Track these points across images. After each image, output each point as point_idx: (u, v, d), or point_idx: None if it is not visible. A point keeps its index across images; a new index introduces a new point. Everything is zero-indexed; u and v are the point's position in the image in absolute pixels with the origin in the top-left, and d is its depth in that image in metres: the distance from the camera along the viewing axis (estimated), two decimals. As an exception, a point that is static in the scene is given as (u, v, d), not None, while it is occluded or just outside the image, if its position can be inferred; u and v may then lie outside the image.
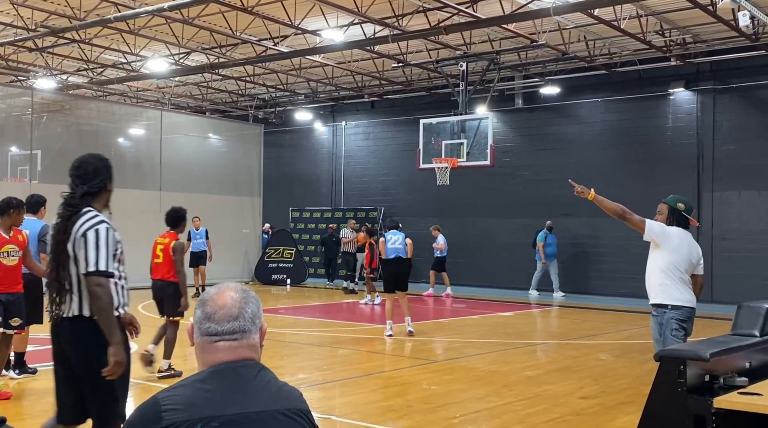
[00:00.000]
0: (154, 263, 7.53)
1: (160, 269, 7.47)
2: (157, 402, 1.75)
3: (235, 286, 1.96)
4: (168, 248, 7.41)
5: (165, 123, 19.78)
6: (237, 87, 21.24)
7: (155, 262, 7.50)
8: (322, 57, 16.97)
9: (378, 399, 6.75)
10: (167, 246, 7.44)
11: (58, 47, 16.33)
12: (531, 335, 11.29)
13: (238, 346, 1.88)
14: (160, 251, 7.46)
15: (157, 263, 7.47)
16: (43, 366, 8.06)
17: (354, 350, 9.66)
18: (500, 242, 19.13)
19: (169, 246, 7.42)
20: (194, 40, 15.87)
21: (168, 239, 7.49)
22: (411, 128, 18.47)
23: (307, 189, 23.23)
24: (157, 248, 7.52)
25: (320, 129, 23.29)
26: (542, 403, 6.65)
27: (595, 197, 5.29)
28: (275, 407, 1.83)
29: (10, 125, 18.34)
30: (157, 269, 7.49)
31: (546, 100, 18.68)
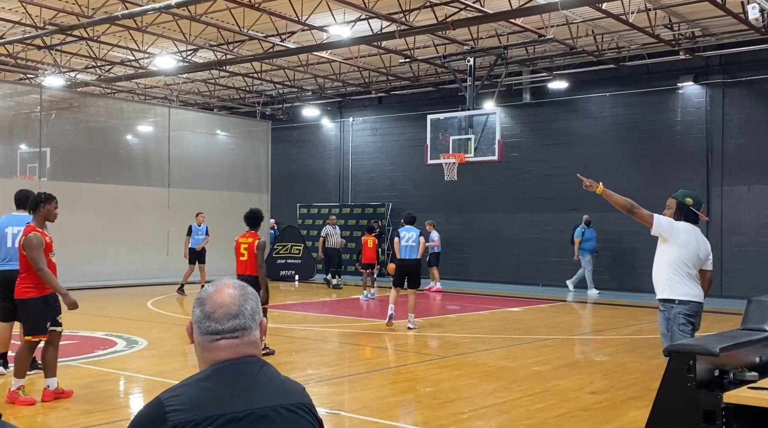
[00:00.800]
0: (240, 261, 8.21)
1: (245, 266, 8.18)
2: (161, 403, 1.74)
3: (232, 282, 1.93)
4: (252, 246, 8.11)
5: (173, 120, 19.84)
6: (244, 83, 21.26)
7: (240, 260, 8.20)
8: (329, 53, 16.96)
9: (387, 395, 6.76)
10: (251, 245, 8.13)
11: (67, 45, 16.38)
12: (539, 330, 11.26)
13: (240, 344, 1.87)
14: (244, 249, 8.15)
15: (243, 260, 8.18)
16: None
17: (363, 345, 9.67)
18: (508, 237, 19.09)
19: (253, 244, 8.11)
20: (201, 36, 15.89)
21: (251, 239, 8.19)
22: (418, 123, 18.45)
23: (314, 185, 23.24)
24: (241, 247, 8.21)
25: (327, 125, 23.30)
26: (551, 398, 6.64)
27: (604, 190, 5.26)
28: (279, 402, 1.83)
29: (19, 122, 18.43)
30: (243, 266, 8.20)
31: (554, 95, 18.61)
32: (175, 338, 9.98)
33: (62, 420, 5.71)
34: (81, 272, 16.20)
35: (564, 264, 18.21)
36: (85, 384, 7.02)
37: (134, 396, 7.14)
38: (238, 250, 8.25)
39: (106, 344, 9.28)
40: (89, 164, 18.38)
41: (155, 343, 9.47)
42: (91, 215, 16.98)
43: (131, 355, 8.64)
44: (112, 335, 10.00)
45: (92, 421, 5.64)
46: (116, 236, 17.47)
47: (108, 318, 12.10)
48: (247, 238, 8.28)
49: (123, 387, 7.40)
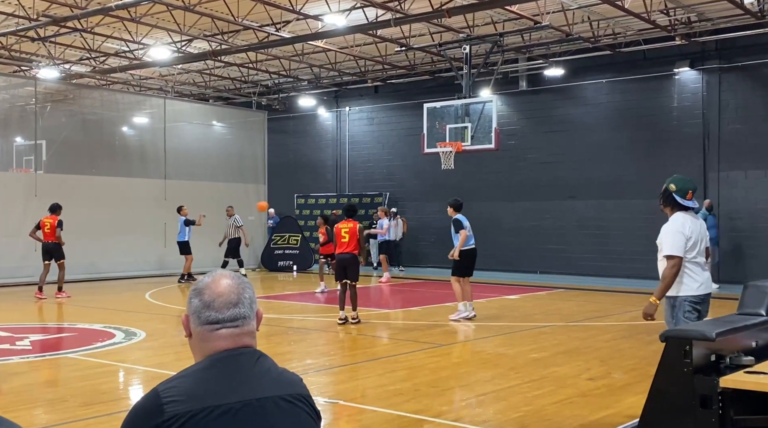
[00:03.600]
0: (340, 242, 10.22)
1: (346, 246, 10.16)
2: (158, 394, 1.73)
3: (227, 273, 1.93)
4: (355, 229, 10.17)
5: (168, 111, 19.78)
6: (240, 74, 21.19)
7: (342, 241, 10.19)
8: (325, 42, 16.90)
9: (385, 383, 6.78)
10: (353, 228, 10.17)
11: (61, 37, 16.30)
12: (537, 317, 11.29)
13: (240, 333, 1.86)
14: (345, 232, 10.15)
15: (344, 242, 10.16)
16: (53, 354, 8.12)
17: (360, 335, 9.69)
18: (506, 225, 19.11)
19: (355, 228, 10.18)
20: (196, 27, 15.81)
21: (352, 224, 10.23)
22: (415, 112, 18.41)
23: (311, 175, 23.22)
24: (342, 231, 10.19)
25: (324, 115, 23.24)
26: (549, 385, 6.66)
27: (658, 300, 5.12)
28: (276, 393, 1.83)
29: (14, 115, 18.35)
30: (344, 246, 10.17)
31: (550, 82, 18.57)
32: (174, 329, 9.99)
33: (61, 412, 5.72)
34: (78, 264, 16.18)
35: (562, 252, 18.25)
36: (84, 376, 7.03)
37: (133, 387, 7.15)
38: (340, 234, 10.20)
39: (104, 336, 9.29)
40: (85, 156, 18.34)
41: (154, 335, 9.48)
42: (87, 208, 16.95)
43: (130, 347, 8.65)
44: (110, 327, 10.01)
45: (91, 413, 5.65)
46: (113, 228, 17.44)
47: (106, 310, 12.10)
48: (348, 223, 10.25)
49: (122, 378, 7.41)
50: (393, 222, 19.84)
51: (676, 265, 4.97)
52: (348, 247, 10.19)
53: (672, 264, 4.98)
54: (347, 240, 10.19)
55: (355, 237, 10.17)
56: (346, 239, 10.20)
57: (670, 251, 5.00)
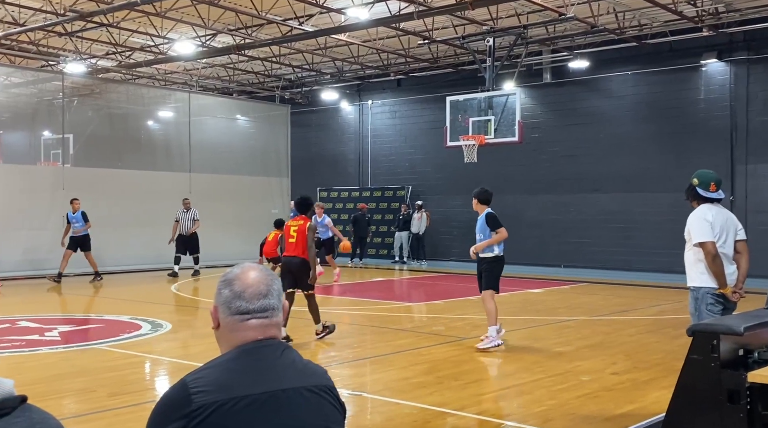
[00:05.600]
0: (288, 243, 8.45)
1: (294, 248, 8.39)
2: (186, 385, 1.75)
3: (254, 265, 1.95)
4: (304, 228, 8.38)
5: (193, 105, 19.93)
6: (263, 68, 21.27)
7: (289, 242, 8.43)
8: (348, 35, 16.89)
9: (408, 376, 6.79)
10: (302, 227, 8.39)
11: (87, 31, 16.49)
12: (561, 311, 11.23)
13: (269, 324, 1.89)
14: (294, 231, 8.42)
15: (291, 243, 8.41)
16: (81, 345, 8.25)
17: (383, 327, 9.71)
18: (529, 218, 19.00)
19: (305, 226, 8.39)
20: (220, 21, 15.89)
21: (302, 222, 8.48)
22: (438, 105, 18.36)
23: (334, 169, 23.27)
24: (291, 229, 8.49)
25: (346, 108, 23.27)
26: (573, 379, 6.63)
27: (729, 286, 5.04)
28: (302, 384, 1.84)
29: (42, 109, 18.61)
30: (291, 247, 8.43)
31: (575, 75, 18.40)
32: (199, 321, 10.10)
33: (89, 403, 5.81)
34: (105, 256, 16.40)
35: (586, 245, 18.12)
36: (112, 366, 7.14)
37: (159, 378, 7.24)
38: (288, 233, 8.54)
39: (131, 327, 9.41)
40: (111, 149, 18.55)
41: (179, 326, 9.60)
42: (113, 201, 17.16)
43: (156, 338, 8.76)
44: (137, 318, 10.14)
45: (118, 403, 5.74)
46: (139, 220, 17.64)
47: (132, 302, 12.26)
48: (297, 221, 8.56)
49: (148, 369, 7.51)
50: (417, 215, 19.87)
51: (711, 250, 5.00)
52: (296, 249, 8.36)
53: (707, 251, 5.01)
54: (295, 241, 8.40)
55: (304, 237, 8.34)
56: (293, 240, 8.41)
57: (699, 238, 5.06)
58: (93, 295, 13.16)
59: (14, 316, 10.33)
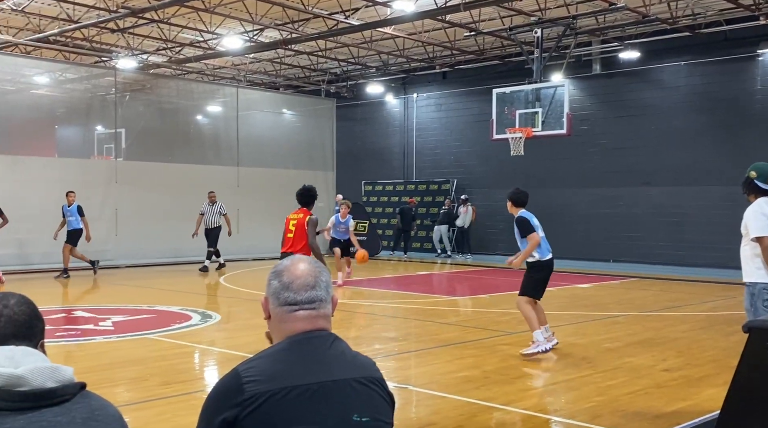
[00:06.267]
0: (286, 238, 7.71)
1: (291, 243, 7.62)
2: (238, 374, 1.79)
3: (303, 257, 1.99)
4: (302, 221, 7.60)
5: (241, 100, 20.19)
6: (309, 62, 21.41)
7: (287, 237, 7.69)
8: (393, 29, 16.87)
9: (454, 370, 6.77)
10: (301, 221, 7.61)
11: (138, 28, 16.83)
12: (610, 307, 11.04)
13: (317, 315, 1.91)
14: (293, 225, 7.65)
15: (289, 237, 7.66)
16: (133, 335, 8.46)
17: (429, 321, 9.70)
18: (576, 212, 18.73)
19: (304, 220, 7.61)
20: (267, 16, 16.05)
21: (302, 215, 7.69)
22: (484, 98, 18.21)
23: (379, 162, 23.31)
24: (290, 223, 7.72)
25: (392, 102, 23.26)
26: (623, 375, 6.52)
27: None
28: (351, 375, 1.86)
29: (95, 104, 19.08)
30: (289, 243, 7.66)
31: (625, 66, 18.03)
32: (247, 312, 10.24)
33: (142, 391, 5.95)
34: (156, 248, 16.76)
35: (636, 240, 17.78)
36: (163, 356, 7.29)
37: (209, 368, 7.37)
38: (287, 227, 7.78)
39: (181, 318, 9.60)
40: (162, 144, 18.93)
41: (228, 317, 9.75)
42: (164, 194, 17.51)
43: (205, 329, 8.91)
44: (187, 309, 10.34)
45: (170, 392, 5.86)
46: (189, 213, 17.95)
47: (183, 293, 12.50)
48: (297, 214, 7.78)
49: (198, 359, 7.65)
50: (463, 209, 19.79)
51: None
52: (294, 245, 7.60)
53: (764, 246, 4.86)
54: (293, 236, 7.65)
55: (304, 232, 7.60)
56: (291, 234, 7.67)
57: (757, 233, 4.90)
58: (145, 286, 13.47)
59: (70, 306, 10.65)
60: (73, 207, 14.19)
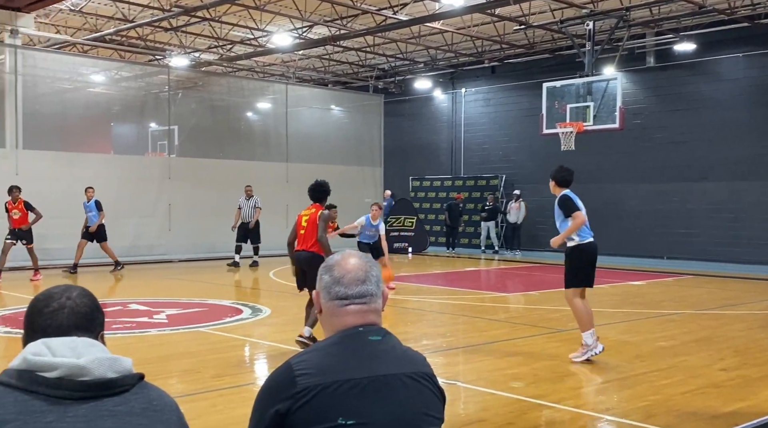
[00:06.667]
0: (298, 235, 7.37)
1: (303, 240, 7.32)
2: (291, 367, 1.80)
3: (354, 252, 2.00)
4: (314, 218, 7.30)
5: (290, 96, 20.38)
6: (357, 58, 21.47)
7: (299, 234, 7.36)
8: (442, 23, 16.79)
9: (503, 367, 6.71)
10: (313, 216, 7.32)
11: (191, 26, 17.13)
12: (664, 304, 10.79)
13: (367, 310, 1.92)
14: (306, 221, 7.35)
15: (302, 234, 7.34)
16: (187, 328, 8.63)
17: (477, 317, 9.64)
18: (629, 208, 18.36)
19: (315, 216, 7.31)
20: (316, 12, 16.14)
21: (314, 210, 7.41)
22: (533, 92, 17.97)
23: (426, 158, 23.25)
24: (302, 220, 7.41)
25: (440, 97, 23.16)
26: (678, 374, 6.37)
27: None
28: (401, 370, 1.86)
29: (149, 102, 19.52)
30: (301, 240, 7.34)
31: (680, 58, 17.56)
32: (297, 307, 10.31)
33: (194, 383, 6.06)
34: (207, 243, 17.06)
35: (691, 236, 17.33)
36: (215, 349, 7.43)
37: (259, 361, 7.48)
38: (299, 224, 7.41)
39: (233, 312, 9.76)
40: (213, 140, 19.25)
41: (278, 311, 9.86)
42: (215, 190, 17.80)
43: (256, 323, 9.04)
44: (238, 303, 10.50)
45: (222, 384, 5.96)
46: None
47: (234, 288, 12.71)
48: (309, 210, 7.45)
49: (249, 352, 7.77)
50: (515, 205, 19.62)
51: None
52: (305, 242, 7.27)
53: None
54: (305, 232, 7.31)
55: (315, 228, 7.24)
56: (303, 231, 7.35)
57: None
58: (197, 280, 13.73)
59: (125, 299, 10.92)
60: (91, 203, 14.12)
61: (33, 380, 1.47)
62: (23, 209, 12.75)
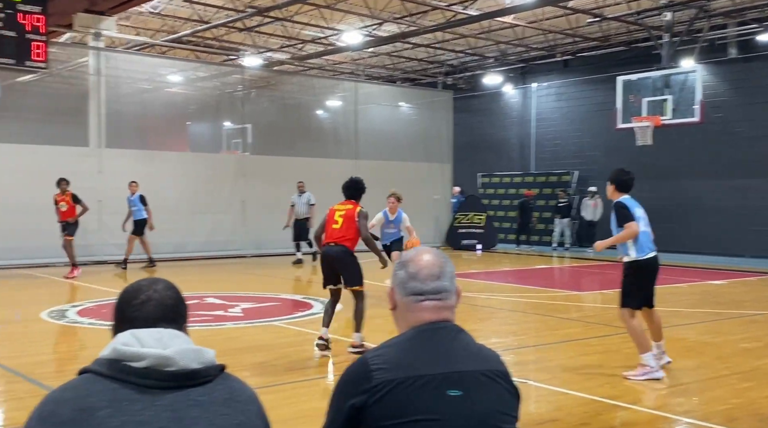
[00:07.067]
0: (331, 229, 7.03)
1: (337, 234, 7.00)
2: (366, 362, 1.82)
3: (428, 249, 2.01)
4: (353, 214, 7.01)
5: (359, 93, 20.52)
6: (426, 54, 21.42)
7: (332, 228, 7.02)
8: (513, 17, 16.57)
9: (576, 366, 6.58)
10: (350, 212, 7.02)
11: (264, 26, 17.48)
12: (747, 305, 10.35)
13: (442, 306, 1.92)
14: (340, 216, 7.05)
15: (335, 228, 7.01)
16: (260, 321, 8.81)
17: (548, 316, 9.49)
18: (710, 205, 17.68)
19: (353, 212, 7.02)
20: (386, 10, 16.20)
21: (351, 206, 7.10)
22: (607, 86, 17.52)
23: (496, 154, 23.00)
24: (336, 214, 7.11)
25: (510, 92, 22.87)
26: (762, 377, 6.11)
27: None
28: (476, 368, 1.86)
29: (224, 101, 20.02)
30: (334, 234, 7.01)
31: (765, 49, 16.78)
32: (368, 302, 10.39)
33: (267, 376, 6.19)
34: (279, 239, 17.35)
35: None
36: (288, 342, 7.57)
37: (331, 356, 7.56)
38: (332, 217, 7.08)
39: (304, 306, 9.92)
40: (285, 138, 19.57)
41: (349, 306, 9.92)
42: (286, 187, 18.08)
43: (326, 317, 9.12)
44: (308, 297, 10.66)
45: (295, 377, 6.07)
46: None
47: (305, 282, 12.91)
48: (345, 205, 7.14)
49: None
50: (591, 202, 19.22)
51: None
52: (339, 235, 6.92)
53: None
54: (339, 226, 6.95)
55: (353, 223, 6.91)
56: (337, 225, 6.97)
57: None
58: (270, 275, 14.01)
59: (201, 293, 11.24)
60: (135, 197, 14.04)
61: (122, 369, 1.53)
62: (70, 202, 12.69)
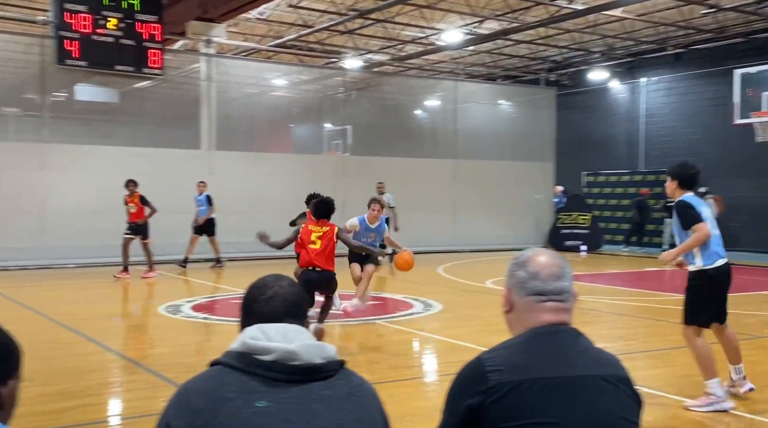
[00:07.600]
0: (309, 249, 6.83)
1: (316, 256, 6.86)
2: (482, 362, 1.80)
3: (543, 249, 1.97)
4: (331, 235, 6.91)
5: (459, 92, 20.40)
6: (528, 51, 21.03)
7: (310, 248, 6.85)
8: (621, 10, 15.99)
9: (692, 374, 6.23)
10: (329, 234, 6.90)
11: (365, 28, 17.70)
12: None
13: (563, 308, 1.88)
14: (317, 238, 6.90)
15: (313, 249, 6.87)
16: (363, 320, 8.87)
17: (660, 320, 9.08)
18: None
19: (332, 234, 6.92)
20: (487, 7, 16.02)
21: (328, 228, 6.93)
22: (722, 79, 16.62)
23: (601, 152, 22.28)
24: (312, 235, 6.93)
25: (616, 88, 22.10)
26: None
27: None
28: (596, 372, 1.81)
29: (326, 103, 20.42)
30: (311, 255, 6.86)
31: None
32: (468, 303, 10.35)
33: (373, 373, 6.23)
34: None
35: None
36: (389, 342, 7.62)
37: (433, 355, 7.55)
38: (308, 238, 6.79)
39: (404, 306, 9.96)
40: (384, 138, 19.73)
41: (449, 307, 9.91)
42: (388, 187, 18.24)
43: (427, 317, 9.15)
44: (409, 297, 10.69)
45: (399, 376, 6.10)
46: (408, 206, 18.54)
47: (404, 282, 12.94)
48: (321, 227, 6.87)
49: (422, 346, 7.87)
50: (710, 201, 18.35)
51: None
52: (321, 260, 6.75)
53: None
54: (319, 247, 6.72)
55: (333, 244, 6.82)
56: (317, 246, 6.73)
57: None
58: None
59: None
60: (202, 197, 13.99)
61: (251, 362, 1.58)
62: (139, 204, 12.50)
